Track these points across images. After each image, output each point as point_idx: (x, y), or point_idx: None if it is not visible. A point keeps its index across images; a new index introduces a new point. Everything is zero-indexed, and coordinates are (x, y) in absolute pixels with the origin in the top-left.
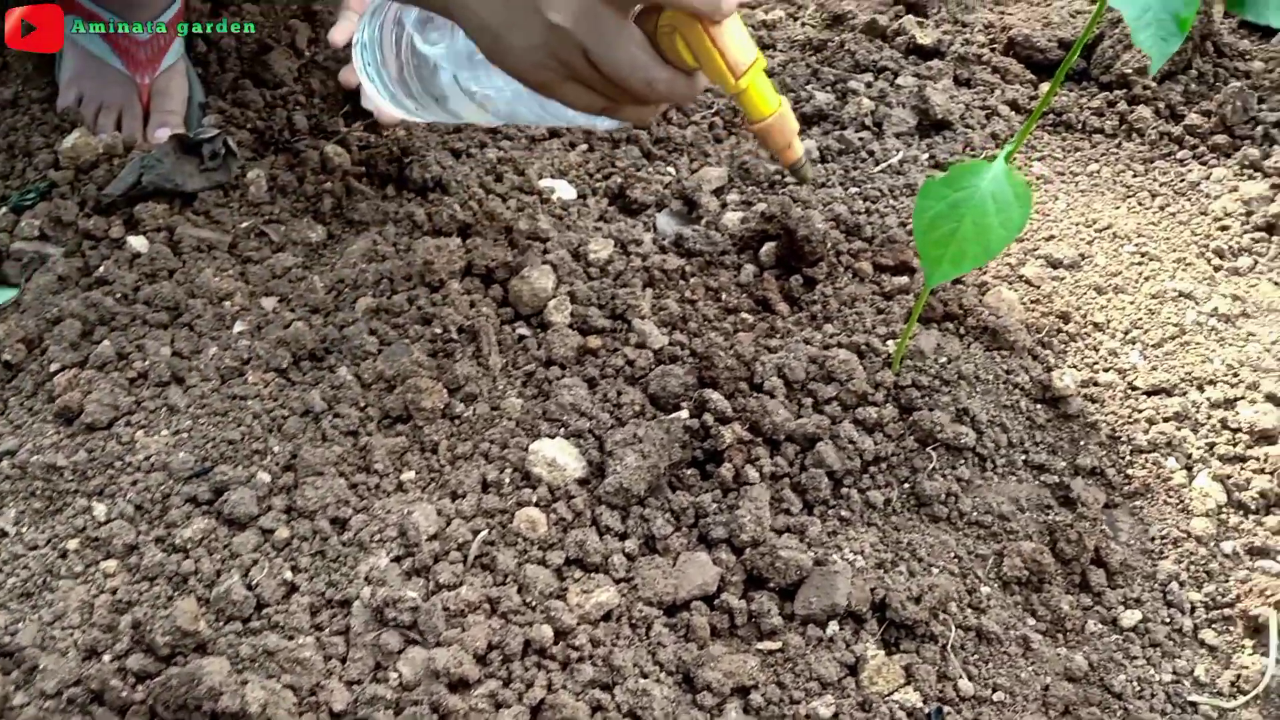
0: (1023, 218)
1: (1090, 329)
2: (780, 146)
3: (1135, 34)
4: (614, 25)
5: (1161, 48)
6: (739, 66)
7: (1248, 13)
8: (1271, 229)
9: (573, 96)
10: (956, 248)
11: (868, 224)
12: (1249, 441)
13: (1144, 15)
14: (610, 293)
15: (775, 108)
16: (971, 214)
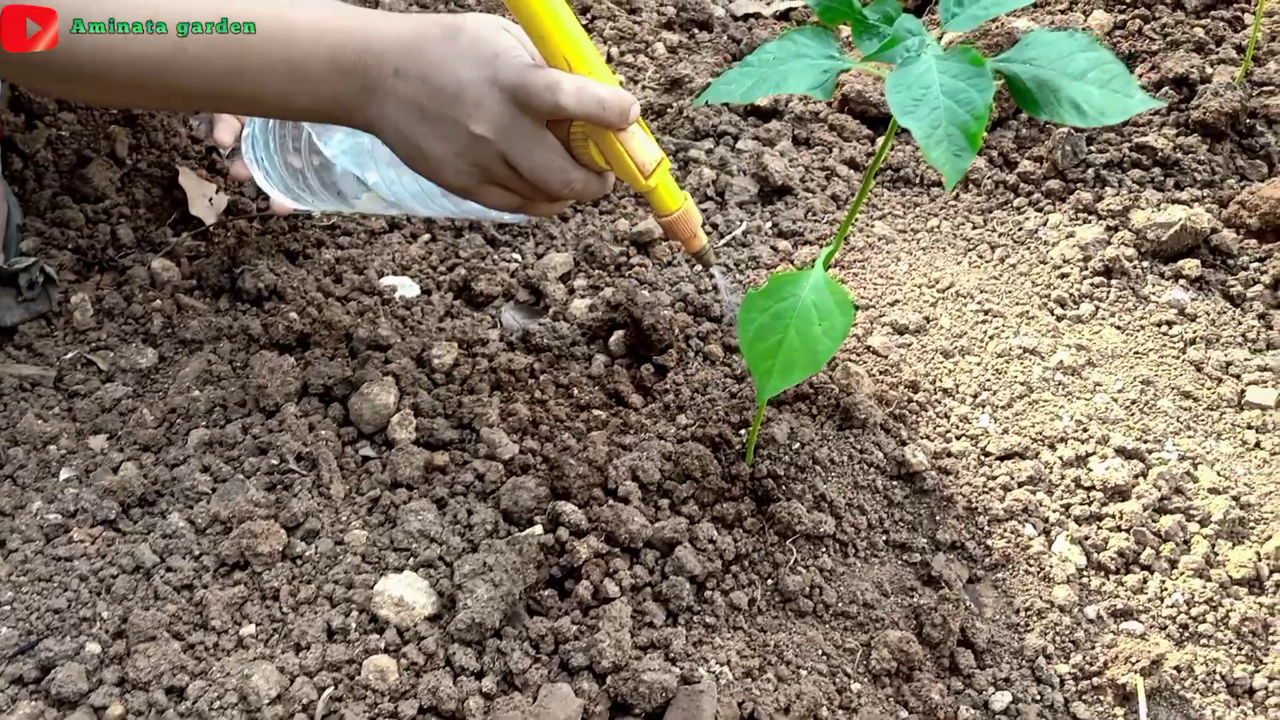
0: (845, 325)
1: (940, 396)
2: (686, 236)
3: (928, 151)
4: (533, 133)
5: (955, 164)
6: (647, 167)
7: (1043, 114)
8: (1109, 272)
9: (491, 198)
10: (784, 358)
11: (715, 304)
12: (1103, 499)
13: (934, 132)
14: (456, 401)
15: (681, 203)
16: (795, 324)
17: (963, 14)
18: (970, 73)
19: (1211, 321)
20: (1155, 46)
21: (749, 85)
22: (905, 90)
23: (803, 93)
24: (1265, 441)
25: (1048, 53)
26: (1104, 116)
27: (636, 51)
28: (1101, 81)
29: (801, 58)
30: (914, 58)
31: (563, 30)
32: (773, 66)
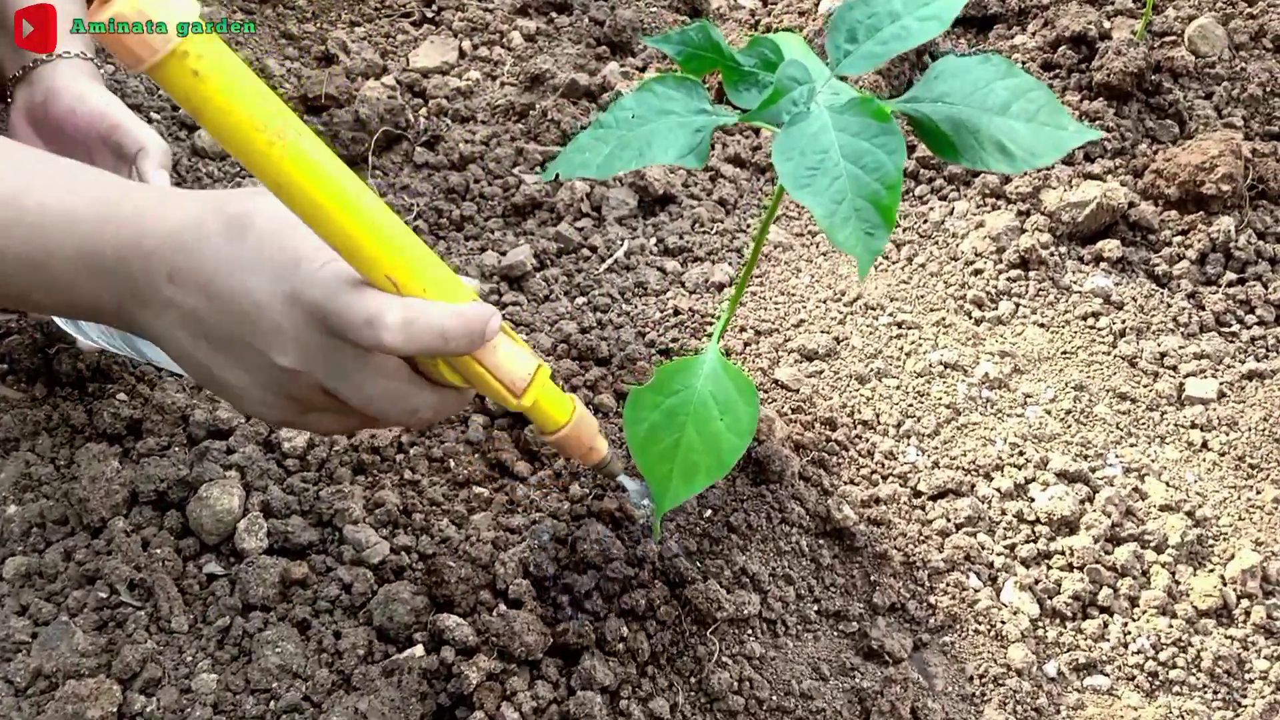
0: (751, 416)
1: (860, 430)
2: (581, 452)
3: (832, 234)
4: (357, 360)
5: (867, 245)
6: (518, 384)
7: (963, 160)
8: (1025, 264)
9: (319, 426)
10: (684, 461)
11: (602, 342)
12: (1049, 534)
13: (837, 209)
14: (313, 493)
15: (568, 414)
16: (693, 421)
17: (857, 52)
18: (875, 129)
19: (1140, 308)
20: (1046, 0)
21: (605, 154)
22: (797, 157)
23: (672, 163)
24: (1212, 441)
25: (961, 85)
26: (1035, 158)
27: (491, 43)
28: (1028, 115)
29: (666, 115)
30: (803, 114)
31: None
32: (632, 128)
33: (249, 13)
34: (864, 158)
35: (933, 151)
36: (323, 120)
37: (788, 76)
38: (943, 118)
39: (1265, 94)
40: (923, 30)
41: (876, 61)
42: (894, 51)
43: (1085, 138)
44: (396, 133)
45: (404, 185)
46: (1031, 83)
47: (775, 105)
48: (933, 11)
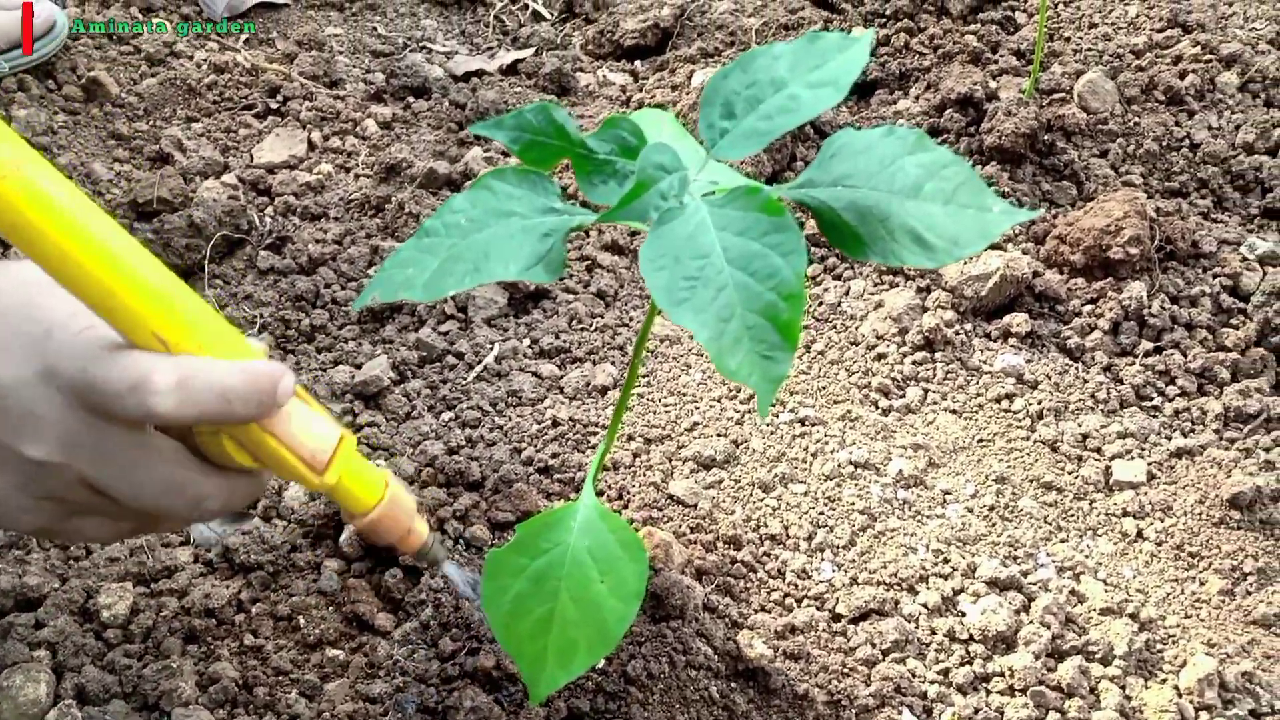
0: (640, 575)
1: (768, 546)
2: (398, 536)
3: (720, 361)
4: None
5: (766, 371)
6: (319, 459)
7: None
8: (930, 344)
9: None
10: (560, 638)
11: (473, 463)
12: (985, 653)
13: (724, 331)
14: (136, 672)
15: (380, 492)
16: (567, 587)
17: (736, 130)
18: (766, 226)
19: (1055, 386)
20: (927, 62)
21: (432, 270)
22: (671, 266)
23: (517, 277)
24: (1147, 529)
25: (865, 164)
26: (958, 247)
27: (343, 133)
28: (945, 196)
29: (507, 218)
30: (676, 211)
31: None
32: (465, 236)
33: (72, 112)
34: (754, 262)
35: (835, 245)
36: (153, 227)
37: (653, 165)
38: (845, 205)
39: (1162, 149)
40: (815, 100)
41: (762, 140)
42: (782, 128)
43: (1014, 220)
44: (237, 236)
45: (246, 294)
46: (947, 157)
47: (639, 200)
48: (826, 76)
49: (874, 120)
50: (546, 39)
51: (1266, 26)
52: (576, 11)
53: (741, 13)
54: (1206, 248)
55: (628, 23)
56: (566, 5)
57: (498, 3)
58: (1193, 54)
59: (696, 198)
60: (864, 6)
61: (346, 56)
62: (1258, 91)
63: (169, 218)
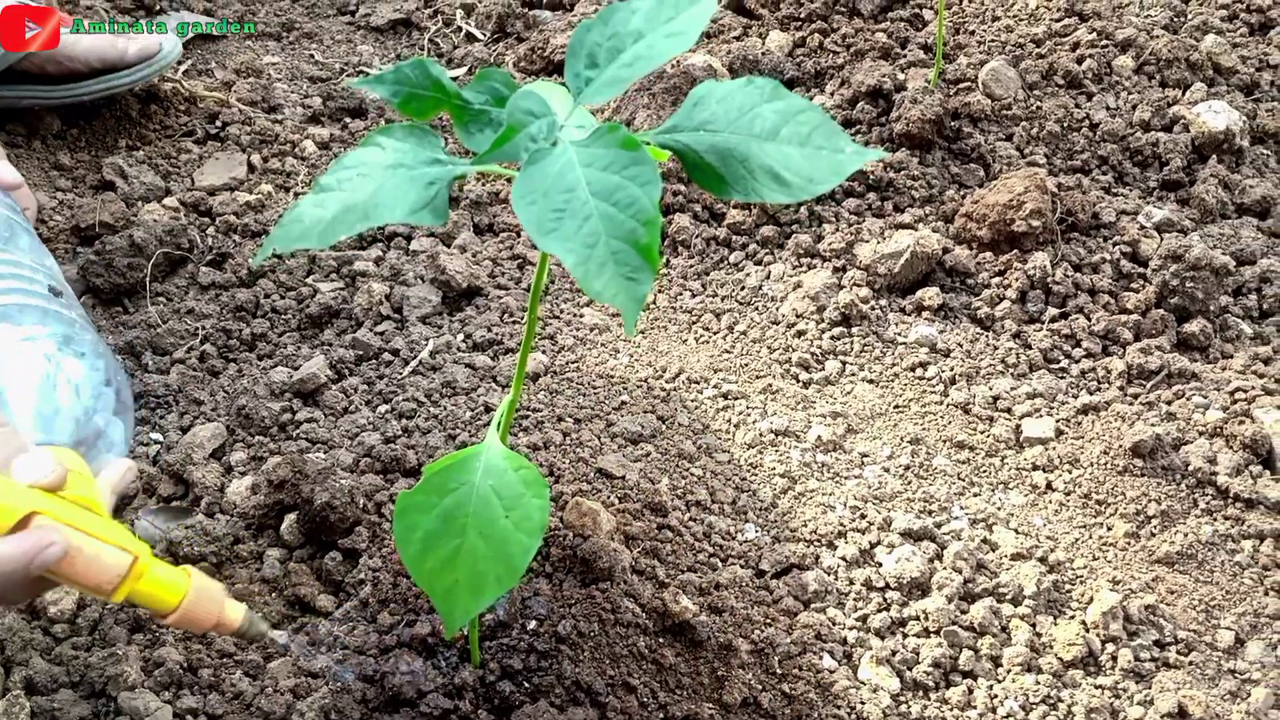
0: (542, 510)
1: (694, 511)
2: (210, 625)
3: (587, 283)
4: None
5: (630, 291)
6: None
7: (734, 193)
8: (847, 320)
9: None
10: (469, 570)
11: (409, 450)
12: (900, 599)
13: (591, 254)
14: (83, 661)
15: (180, 592)
16: (474, 523)
17: (600, 78)
18: (625, 160)
19: (967, 353)
20: (841, 60)
21: (327, 220)
22: (540, 200)
23: (403, 221)
24: (1056, 481)
25: (725, 111)
26: (813, 184)
27: (282, 154)
28: (801, 138)
29: (395, 169)
30: (545, 151)
31: None
32: (357, 188)
33: (15, 146)
34: (616, 193)
35: (700, 185)
36: (95, 249)
37: (521, 110)
38: (707, 148)
39: (1063, 129)
40: (668, 47)
41: (622, 86)
42: (640, 73)
43: (865, 158)
44: (179, 254)
45: (189, 309)
46: (802, 104)
47: (511, 143)
48: (679, 27)
49: None
50: (480, 58)
51: (1161, 13)
52: (508, 31)
53: None
54: (1106, 218)
55: (557, 39)
56: (499, 26)
57: (432, 26)
58: (1089, 40)
59: (564, 140)
60: (780, 10)
61: (284, 83)
62: (1152, 73)
63: (110, 239)
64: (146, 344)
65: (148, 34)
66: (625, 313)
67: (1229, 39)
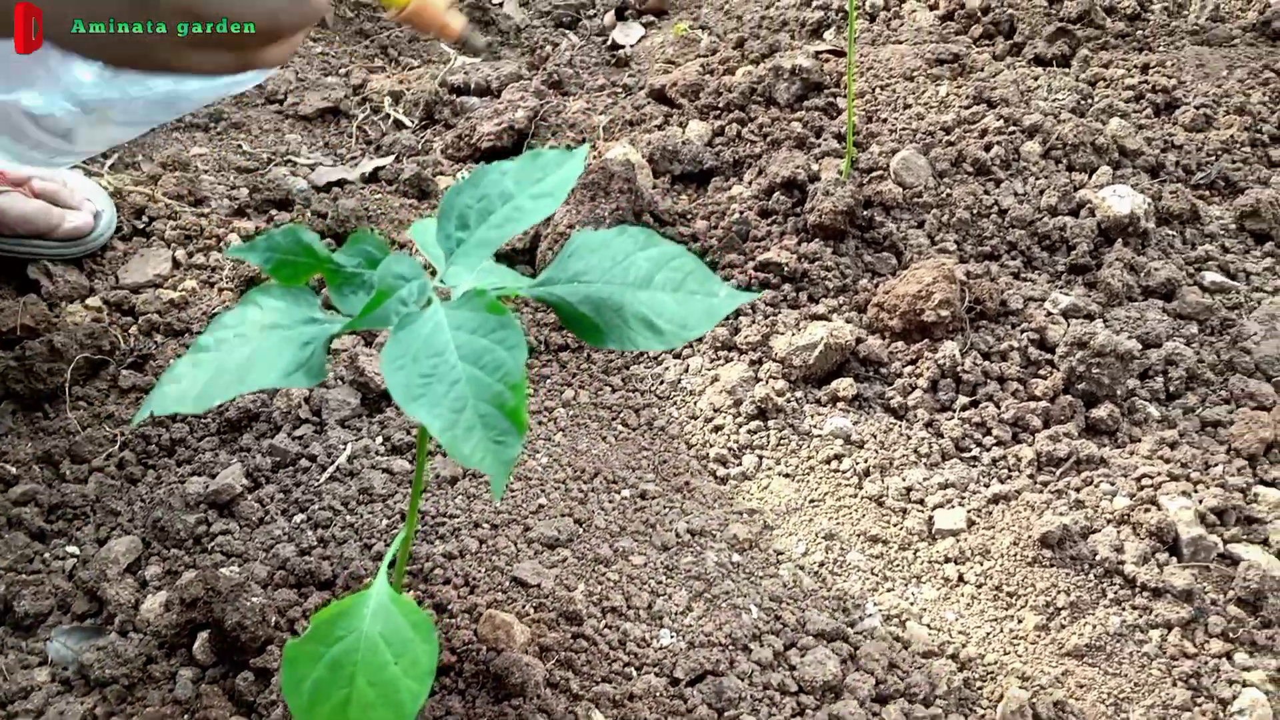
0: (431, 654)
1: (610, 619)
2: (437, 27)
3: (455, 449)
4: None
5: (499, 454)
6: None
7: (609, 342)
8: (764, 414)
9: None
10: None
11: (324, 563)
12: (814, 704)
13: (458, 420)
14: None
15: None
16: (363, 671)
17: (470, 239)
18: (493, 324)
19: (880, 444)
20: (758, 149)
21: (203, 383)
22: (409, 365)
23: (278, 384)
24: (968, 573)
25: (599, 261)
26: (686, 330)
27: (208, 249)
28: (674, 284)
29: (272, 330)
30: (415, 315)
31: None
32: (233, 349)
33: None
34: (484, 357)
35: (576, 335)
36: (15, 354)
37: (393, 275)
38: (581, 299)
39: (973, 216)
40: (537, 209)
41: (492, 248)
42: (509, 235)
43: (738, 301)
44: (99, 358)
45: (109, 414)
46: (675, 250)
47: (382, 308)
48: (547, 188)
49: (710, 205)
50: (408, 146)
51: (1068, 96)
52: (436, 118)
53: (593, 110)
54: (1014, 305)
55: (484, 126)
56: (427, 113)
57: (360, 114)
58: (997, 127)
59: (437, 302)
60: (699, 100)
61: (211, 175)
62: (1059, 157)
63: (30, 344)
64: (65, 452)
65: (87, 210)
66: (494, 477)
67: (1134, 120)
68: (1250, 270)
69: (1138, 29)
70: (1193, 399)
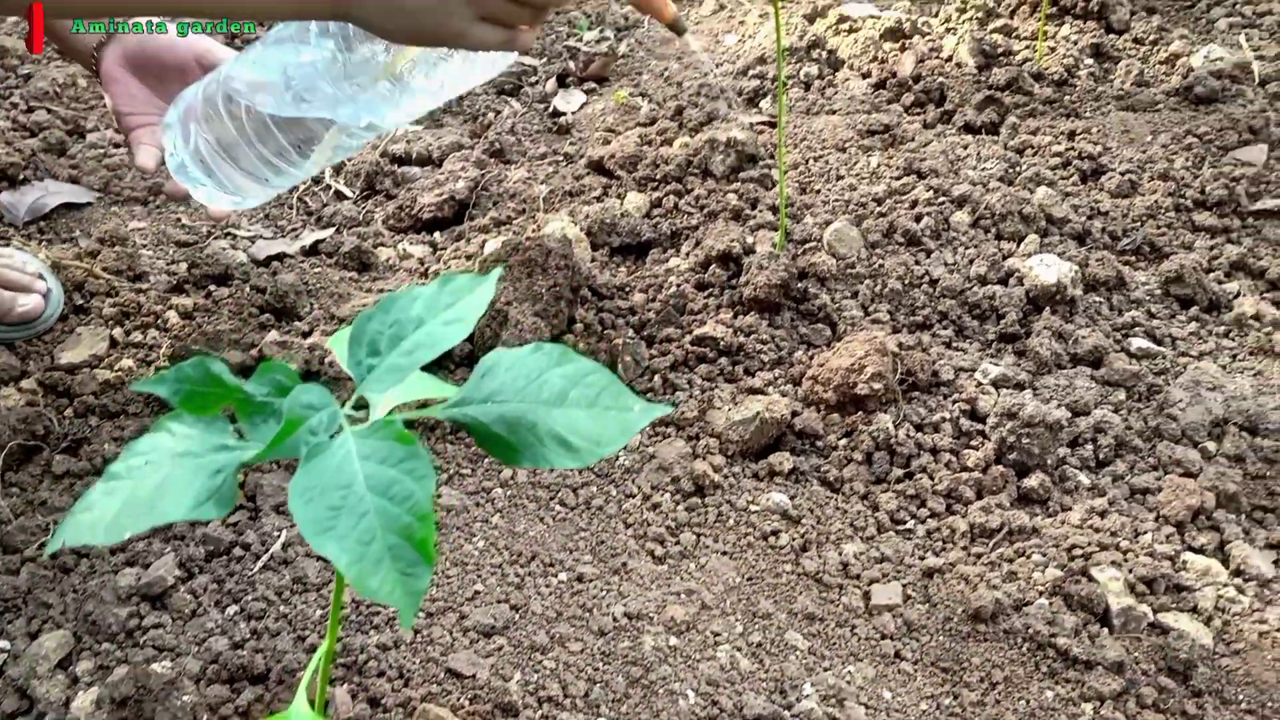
0: None
1: (546, 709)
2: (657, 8)
3: (361, 583)
4: None
5: (408, 586)
6: None
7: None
8: (701, 490)
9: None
10: None
11: (257, 656)
12: None
13: (366, 552)
14: None
15: None
16: None
17: (381, 366)
18: (401, 454)
19: (817, 519)
20: (695, 220)
21: (114, 512)
22: (318, 498)
23: (188, 516)
24: (904, 650)
25: (514, 379)
26: (600, 446)
27: (145, 327)
28: (588, 400)
29: (183, 458)
30: (324, 445)
31: None
32: (145, 478)
33: None
34: (392, 487)
35: (492, 455)
36: None
37: (302, 405)
38: (495, 418)
39: (905, 286)
40: (447, 335)
41: (403, 374)
42: (420, 361)
43: (653, 415)
44: (33, 443)
45: (42, 500)
46: (589, 366)
47: (291, 438)
48: (458, 313)
49: (648, 278)
50: (349, 217)
51: (996, 165)
52: (377, 189)
53: (534, 180)
54: (945, 376)
55: (425, 197)
56: (368, 183)
57: (301, 185)
58: (927, 198)
59: (347, 432)
60: (637, 172)
61: (150, 249)
62: (988, 226)
63: None
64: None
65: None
66: (402, 609)
67: (1061, 188)
68: (1175, 335)
69: (1065, 94)
70: (1122, 466)
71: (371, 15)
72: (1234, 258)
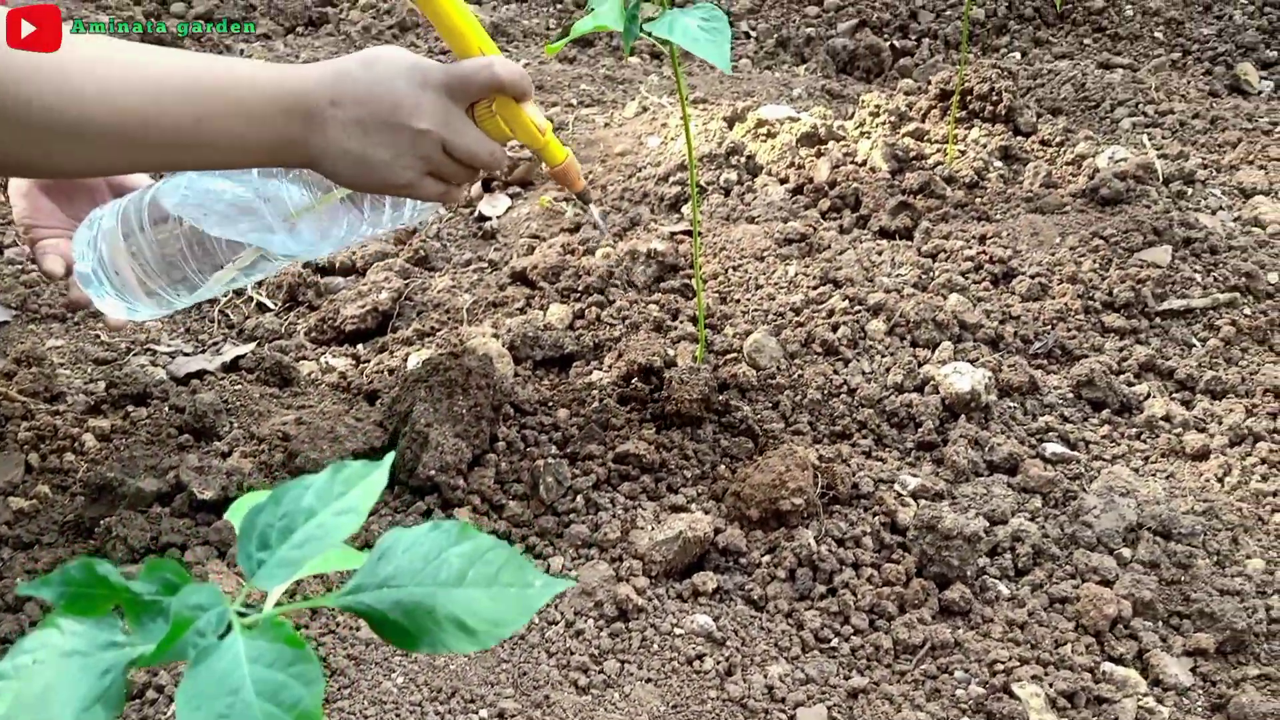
0: None
1: None
2: (572, 181)
3: None
4: (463, 118)
5: None
6: (543, 127)
7: (423, 648)
8: (624, 615)
9: (426, 189)
10: None
11: None
12: None
13: None
14: None
15: (566, 155)
16: None
17: (271, 560)
18: (290, 657)
19: (742, 641)
20: (617, 332)
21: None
22: (205, 705)
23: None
24: None
25: (411, 561)
26: (500, 627)
27: (61, 450)
28: (488, 579)
29: (72, 656)
30: (213, 647)
31: (474, 25)
32: (32, 677)
33: None
34: (280, 693)
35: (391, 644)
36: None
37: (189, 605)
38: (391, 605)
39: (824, 396)
40: (339, 526)
41: (295, 568)
42: (313, 554)
43: (554, 590)
44: None
45: None
46: (489, 542)
47: (180, 642)
48: (350, 503)
49: (571, 392)
50: (271, 329)
51: (910, 271)
52: (300, 300)
53: (458, 289)
54: (865, 488)
55: (348, 309)
56: (290, 295)
57: (222, 297)
58: (843, 307)
59: (234, 635)
60: (560, 282)
61: (68, 368)
62: (903, 334)
63: None
64: None
65: None
66: None
67: (973, 294)
68: (1089, 439)
69: (976, 197)
70: (1040, 574)
71: (337, 166)
72: (1143, 359)
